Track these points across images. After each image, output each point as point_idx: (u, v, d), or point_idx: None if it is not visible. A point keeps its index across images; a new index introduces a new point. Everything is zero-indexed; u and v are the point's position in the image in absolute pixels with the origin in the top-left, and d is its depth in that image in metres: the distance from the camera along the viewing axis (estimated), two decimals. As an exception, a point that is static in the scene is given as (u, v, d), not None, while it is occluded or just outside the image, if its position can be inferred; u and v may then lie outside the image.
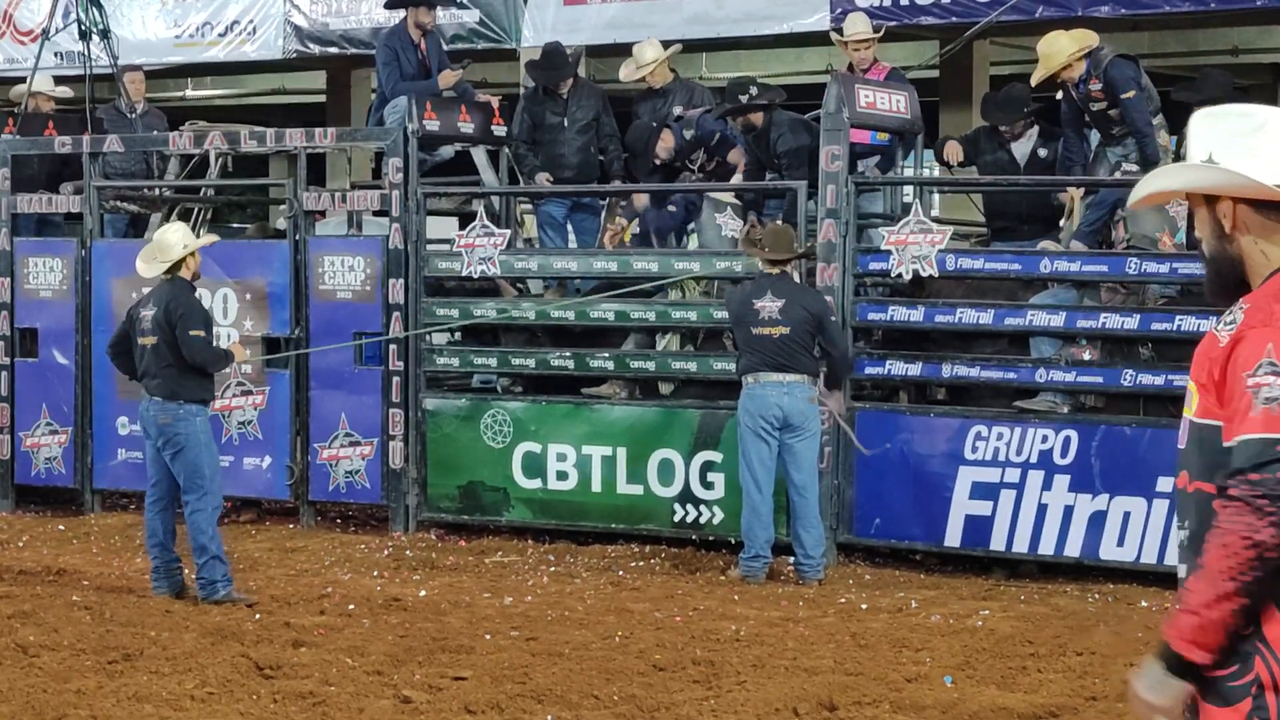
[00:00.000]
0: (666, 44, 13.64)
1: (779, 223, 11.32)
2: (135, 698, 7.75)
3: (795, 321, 10.81)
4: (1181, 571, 3.53)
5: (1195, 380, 3.49)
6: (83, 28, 15.08)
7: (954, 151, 12.13)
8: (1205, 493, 3.45)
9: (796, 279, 11.22)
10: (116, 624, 9.37)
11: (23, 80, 15.69)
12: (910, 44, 16.86)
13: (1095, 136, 11.96)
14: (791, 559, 11.04)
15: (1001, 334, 11.37)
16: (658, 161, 12.90)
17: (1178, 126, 11.56)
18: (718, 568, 11.31)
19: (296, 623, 9.45)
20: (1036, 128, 12.15)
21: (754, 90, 12.24)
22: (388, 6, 14.42)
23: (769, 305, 10.84)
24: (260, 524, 13.16)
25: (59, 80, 15.96)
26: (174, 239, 10.23)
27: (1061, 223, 12.19)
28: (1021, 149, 12.08)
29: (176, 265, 10.13)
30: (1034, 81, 11.66)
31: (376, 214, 13.11)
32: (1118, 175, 11.49)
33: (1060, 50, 11.41)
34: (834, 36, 13.31)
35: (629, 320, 12.18)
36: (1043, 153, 12.06)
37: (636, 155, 13.17)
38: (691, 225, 12.82)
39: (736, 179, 12.68)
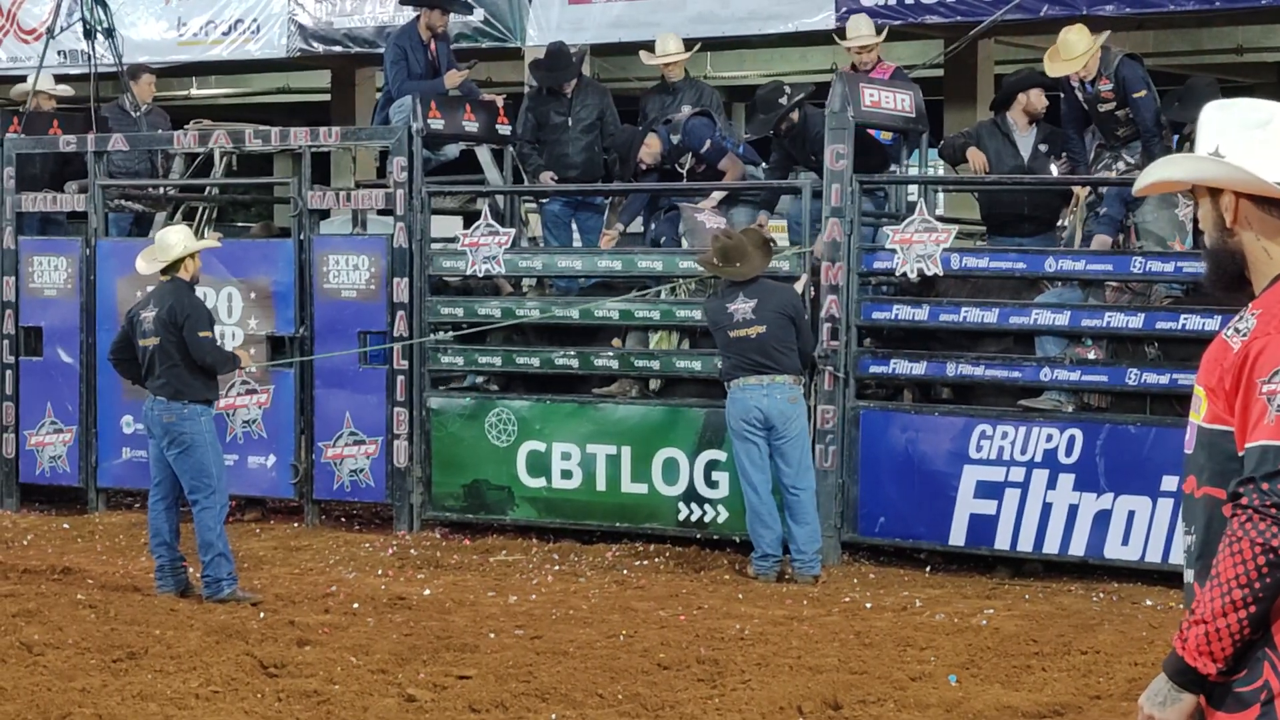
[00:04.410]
0: (690, 43, 13.66)
1: (733, 234, 11.19)
2: (140, 696, 7.76)
3: (770, 320, 10.82)
4: (1188, 577, 3.52)
5: (1204, 385, 3.46)
6: (87, 26, 15.08)
7: (980, 162, 12.05)
8: (1214, 498, 3.43)
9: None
10: (121, 622, 9.38)
11: (25, 79, 15.69)
12: (915, 43, 16.85)
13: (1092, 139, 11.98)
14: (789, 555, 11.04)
15: (1006, 333, 11.36)
16: (643, 166, 12.88)
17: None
18: (722, 566, 11.31)
19: (301, 621, 9.46)
20: (1037, 124, 12.15)
21: (788, 90, 12.23)
22: (403, 2, 14.43)
23: (742, 307, 10.85)
24: (265, 523, 13.17)
25: (64, 79, 15.97)
26: (174, 239, 10.24)
27: (1065, 220, 12.18)
28: (1024, 143, 12.07)
29: (175, 266, 10.13)
30: (1057, 74, 11.64)
31: (381, 213, 13.12)
32: (1117, 172, 11.51)
33: (1082, 39, 11.40)
34: (837, 39, 13.31)
35: (633, 319, 12.18)
36: (1044, 148, 12.07)
37: (622, 160, 13.17)
38: (683, 229, 12.79)
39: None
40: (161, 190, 14.47)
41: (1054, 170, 12.08)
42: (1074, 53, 11.42)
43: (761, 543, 10.94)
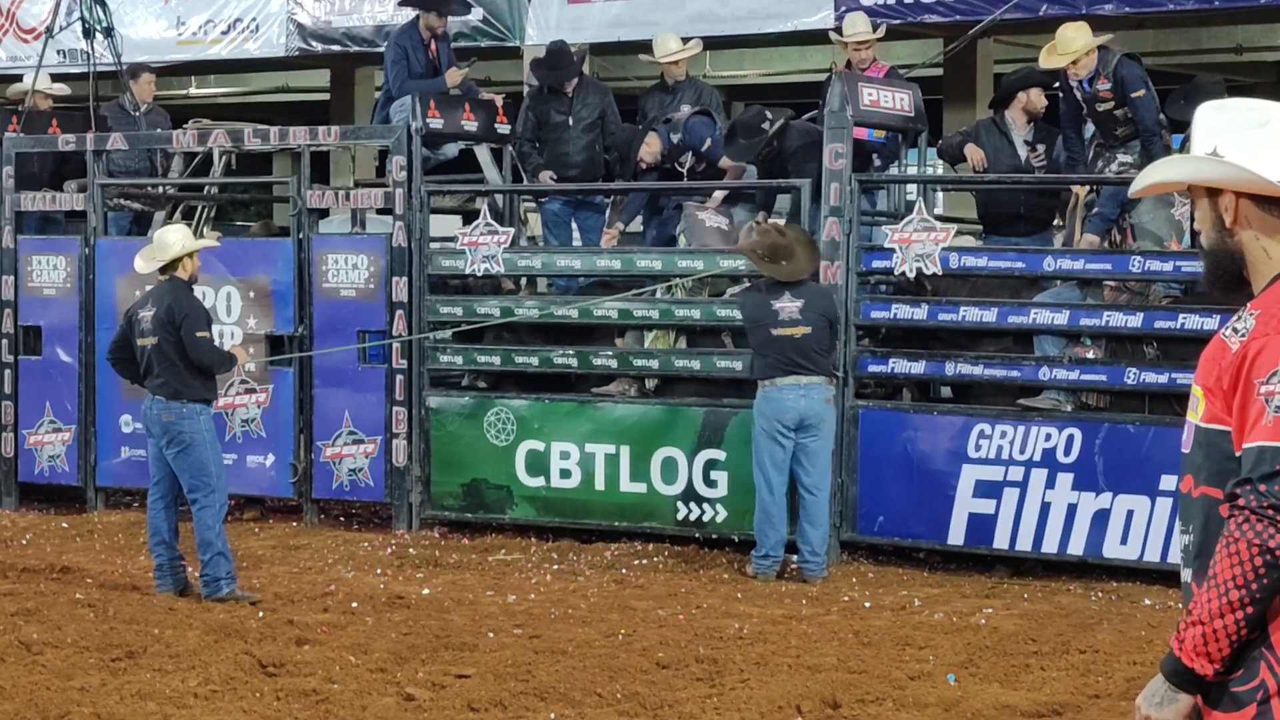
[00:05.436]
0: (686, 40, 13.67)
1: (785, 230, 11.19)
2: (139, 695, 7.76)
3: (815, 322, 10.86)
4: (1185, 576, 3.52)
5: (1202, 385, 3.46)
6: (86, 26, 15.08)
7: (978, 158, 12.06)
8: (1211, 498, 3.43)
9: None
10: (120, 621, 9.38)
11: (24, 78, 15.69)
12: (914, 42, 16.86)
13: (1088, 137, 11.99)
14: (795, 556, 11.04)
15: (1005, 332, 11.37)
16: (643, 165, 12.88)
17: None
18: (721, 565, 11.32)
19: (300, 620, 9.46)
20: (1035, 123, 12.17)
21: (769, 116, 12.22)
22: (402, 3, 14.44)
23: (789, 305, 10.86)
24: (264, 522, 13.16)
25: (63, 78, 15.97)
26: (173, 239, 10.24)
27: (1061, 220, 12.18)
28: (1022, 143, 12.09)
29: (173, 265, 10.13)
30: (1048, 66, 11.65)
31: (380, 212, 13.11)
32: (1116, 169, 11.51)
33: (1080, 35, 11.41)
34: (833, 36, 13.34)
35: (631, 319, 12.18)
36: (1041, 148, 12.08)
37: (622, 159, 13.17)
38: (679, 229, 12.80)
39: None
40: (161, 189, 14.47)
41: (1033, 165, 12.09)
42: (1069, 48, 11.42)
43: (766, 542, 10.95)
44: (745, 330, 11.21)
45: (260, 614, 9.64)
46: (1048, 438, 10.90)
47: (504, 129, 13.51)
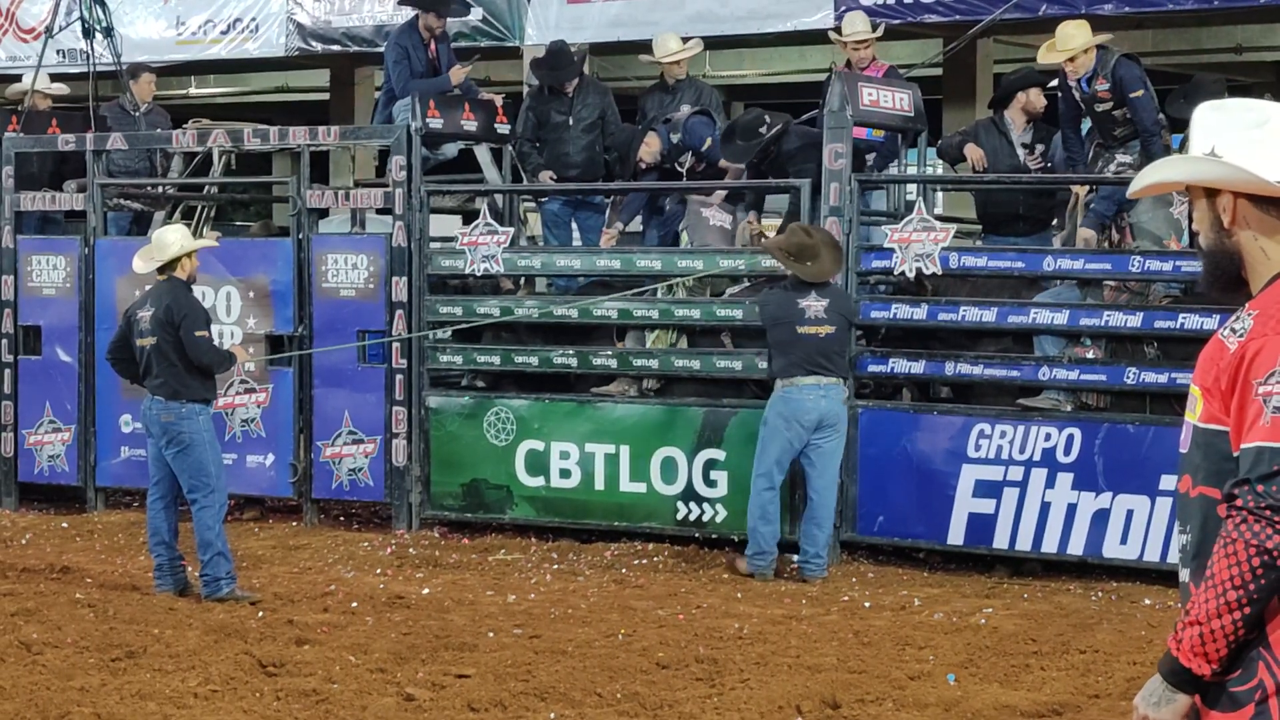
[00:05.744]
0: (686, 40, 13.68)
1: (812, 231, 11.15)
2: (138, 695, 7.76)
3: (838, 322, 10.88)
4: (1183, 576, 3.52)
5: (1200, 385, 3.46)
6: (85, 25, 15.08)
7: (979, 157, 12.08)
8: (1209, 498, 3.43)
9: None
10: (120, 621, 9.38)
11: (23, 78, 15.69)
12: (914, 42, 16.87)
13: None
14: (795, 556, 11.04)
15: (1005, 332, 11.37)
16: (642, 165, 12.88)
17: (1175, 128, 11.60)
18: (721, 565, 11.31)
19: (300, 620, 9.46)
20: (1034, 123, 12.18)
21: (768, 119, 12.23)
22: (401, 2, 14.44)
23: (815, 304, 10.86)
24: (263, 522, 13.16)
25: (62, 78, 15.96)
26: (171, 238, 10.24)
27: (1061, 220, 12.19)
28: (1019, 140, 12.10)
29: (172, 265, 10.13)
30: (1046, 61, 11.66)
31: (380, 212, 13.12)
32: (1114, 169, 11.52)
33: (1080, 33, 11.42)
34: (833, 36, 13.34)
35: (631, 319, 12.18)
36: (1039, 147, 12.09)
37: (622, 159, 13.17)
38: (682, 225, 12.81)
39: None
40: (160, 189, 14.47)
41: (1030, 166, 12.11)
42: (1068, 45, 11.44)
43: (761, 539, 10.94)
44: (765, 328, 11.17)
45: (260, 614, 9.64)
46: (1048, 438, 10.90)
47: (504, 129, 13.51)
